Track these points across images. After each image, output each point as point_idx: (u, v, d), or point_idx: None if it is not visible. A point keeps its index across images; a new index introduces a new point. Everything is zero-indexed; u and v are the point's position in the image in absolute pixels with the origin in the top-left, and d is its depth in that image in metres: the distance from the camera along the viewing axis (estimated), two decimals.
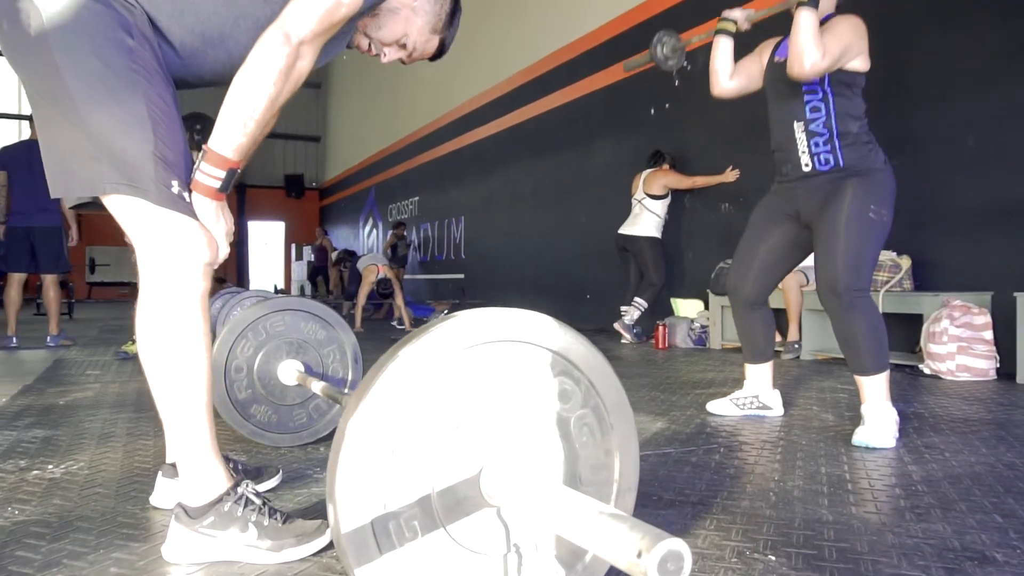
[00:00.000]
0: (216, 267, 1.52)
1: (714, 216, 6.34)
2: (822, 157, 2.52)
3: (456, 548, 1.01)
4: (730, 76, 2.79)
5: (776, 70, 2.64)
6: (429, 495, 1.00)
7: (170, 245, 1.41)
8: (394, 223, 13.53)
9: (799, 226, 2.63)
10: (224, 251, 1.48)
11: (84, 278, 16.68)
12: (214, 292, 11.03)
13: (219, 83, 1.57)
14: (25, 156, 5.72)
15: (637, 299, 6.30)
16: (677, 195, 6.50)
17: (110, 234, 15.79)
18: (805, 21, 2.38)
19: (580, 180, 8.50)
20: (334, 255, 14.15)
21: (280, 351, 2.32)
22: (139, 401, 3.25)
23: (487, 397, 1.04)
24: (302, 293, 17.75)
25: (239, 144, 1.41)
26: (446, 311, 8.65)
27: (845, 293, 2.41)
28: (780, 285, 4.51)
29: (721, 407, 2.89)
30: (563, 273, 8.84)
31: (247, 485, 1.45)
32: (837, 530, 1.53)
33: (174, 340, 1.39)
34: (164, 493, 1.73)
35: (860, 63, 2.48)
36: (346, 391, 2.40)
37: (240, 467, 1.83)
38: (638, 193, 6.32)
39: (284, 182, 20.92)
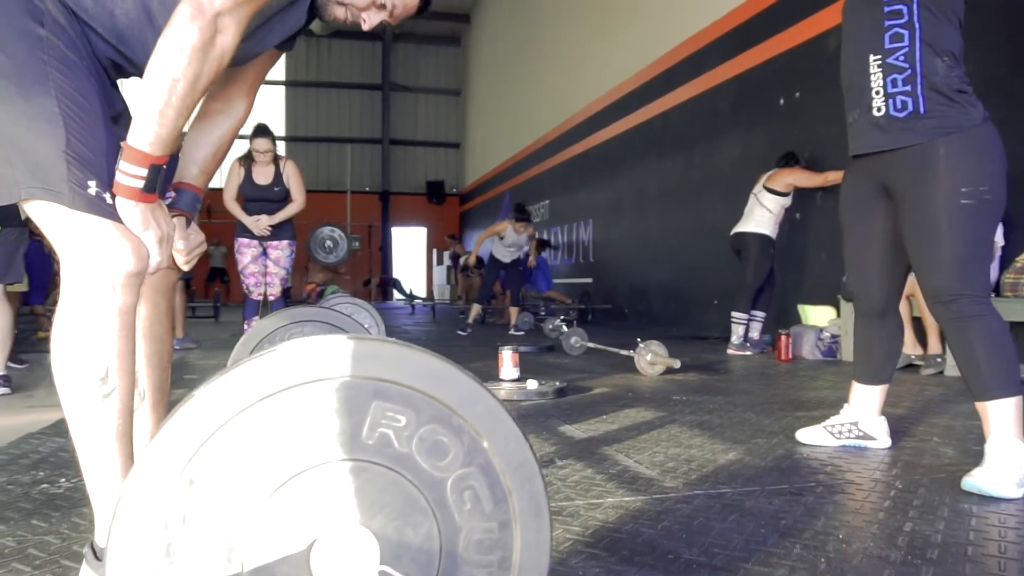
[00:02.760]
0: (150, 275, 1.36)
1: None
2: (898, 100, 2.05)
3: None
4: None
5: None
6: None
7: (84, 253, 1.26)
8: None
9: (896, 204, 2.17)
10: (158, 259, 1.32)
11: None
12: (338, 282, 11.38)
13: None
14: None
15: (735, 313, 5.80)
16: (808, 193, 5.92)
17: None
18: None
19: (707, 178, 8.00)
20: (462, 261, 14.24)
21: None
22: None
23: (321, 449, 0.80)
24: (431, 297, 18.07)
25: (158, 136, 1.25)
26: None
27: (955, 303, 1.96)
28: (914, 291, 3.91)
29: (813, 436, 2.47)
30: (690, 277, 8.38)
31: None
32: None
33: (78, 361, 1.25)
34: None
35: None
36: None
37: None
38: (757, 187, 5.79)
39: (426, 188, 21.42)
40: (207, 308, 11.36)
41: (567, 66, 12.62)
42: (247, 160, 4.98)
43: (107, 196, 1.27)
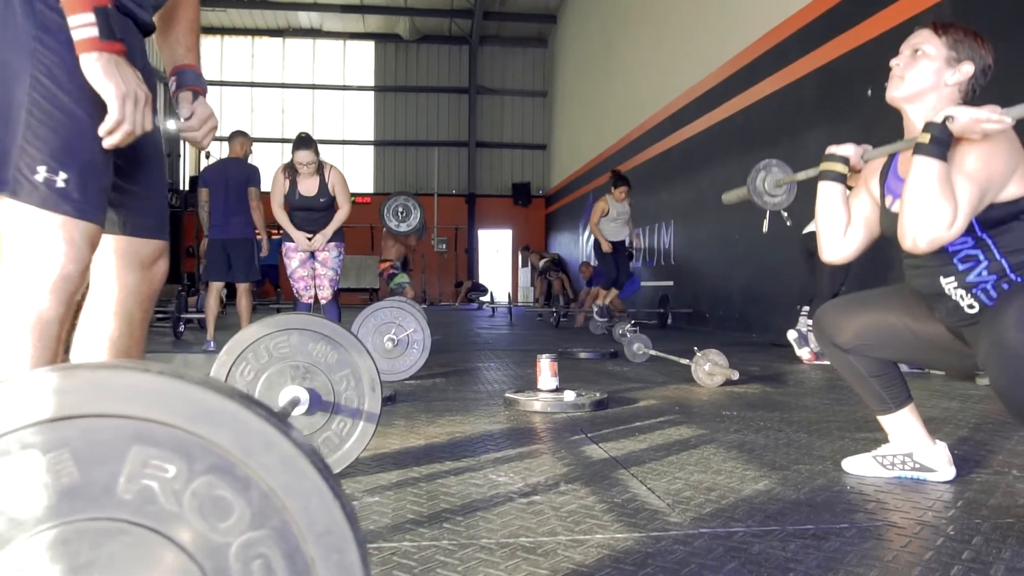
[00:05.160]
0: (110, 135, 1.24)
1: None
2: (991, 294, 1.81)
3: None
4: (845, 232, 2.05)
5: (892, 221, 1.89)
6: None
7: (11, 251, 1.17)
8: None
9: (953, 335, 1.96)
10: (116, 116, 1.20)
11: None
12: (418, 271, 11.31)
13: None
14: (222, 174, 6.14)
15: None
16: None
17: (354, 244, 17.13)
18: (924, 176, 1.68)
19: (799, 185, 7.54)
20: (540, 264, 14.08)
21: (284, 376, 2.04)
22: None
23: (59, 505, 0.64)
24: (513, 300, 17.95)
25: None
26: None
27: None
28: None
29: (861, 465, 2.16)
30: (773, 280, 7.93)
31: None
32: None
33: None
34: None
35: (1019, 185, 1.74)
36: (360, 424, 2.08)
37: None
38: None
39: (512, 190, 21.35)
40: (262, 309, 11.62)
41: (649, 64, 12.27)
42: (291, 171, 4.90)
43: (58, 178, 1.19)
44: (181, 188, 18.24)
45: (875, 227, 2.06)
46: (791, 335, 5.47)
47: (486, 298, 15.06)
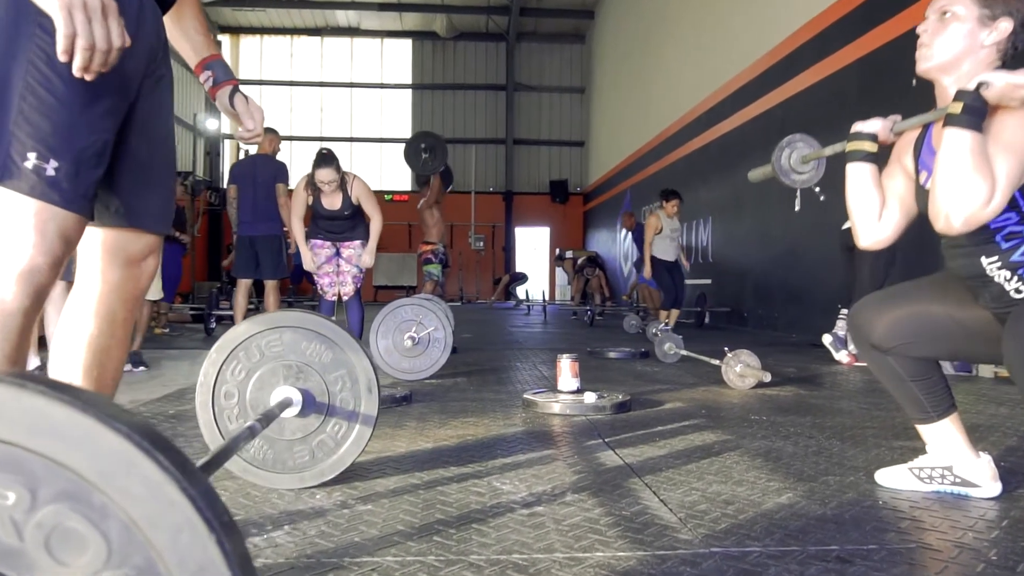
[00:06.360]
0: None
1: None
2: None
3: None
4: (880, 215, 1.89)
5: (927, 199, 1.73)
6: None
7: None
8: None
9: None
10: (67, 30, 1.05)
11: (371, 281, 18.20)
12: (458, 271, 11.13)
13: None
14: (250, 170, 6.11)
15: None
16: None
17: (392, 242, 17.14)
18: (956, 149, 1.53)
19: (832, 170, 7.28)
20: (578, 261, 13.93)
21: (276, 375, 1.95)
22: None
23: None
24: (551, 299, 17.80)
25: None
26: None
27: None
28: None
29: (895, 478, 1.99)
30: (813, 278, 7.68)
31: None
32: None
33: None
34: None
35: None
36: (356, 427, 1.97)
37: None
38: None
39: (549, 188, 21.19)
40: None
41: (687, 57, 12.02)
42: (313, 187, 4.74)
43: (48, 166, 1.14)
44: (222, 186, 18.47)
45: (912, 206, 1.89)
46: (826, 339, 5.26)
47: (522, 295, 14.95)
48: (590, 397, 3.14)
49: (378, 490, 1.96)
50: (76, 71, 1.07)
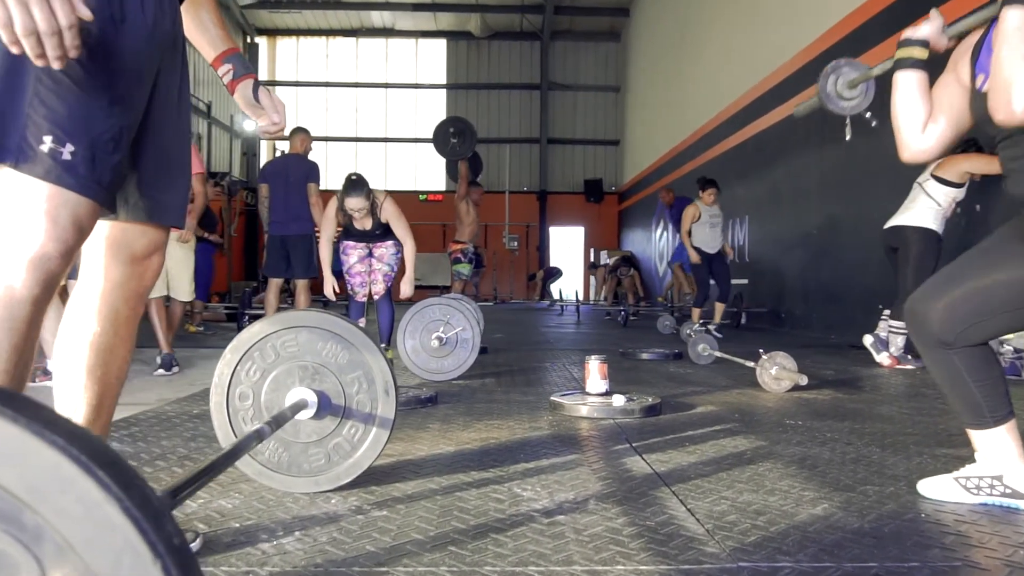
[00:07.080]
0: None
1: None
2: None
3: None
4: (924, 127, 1.79)
5: (983, 103, 1.62)
6: None
7: None
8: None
9: None
10: (42, 20, 0.97)
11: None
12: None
13: None
14: (282, 170, 6.13)
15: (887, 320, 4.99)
16: (992, 180, 4.98)
17: (426, 242, 17.17)
18: (1015, 26, 1.42)
19: (871, 166, 7.09)
20: (611, 261, 13.81)
21: (291, 376, 1.90)
22: None
23: None
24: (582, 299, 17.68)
25: None
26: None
27: None
28: None
29: (940, 488, 1.88)
30: (852, 278, 7.48)
31: None
32: None
33: None
34: None
35: None
36: (373, 430, 1.92)
37: None
38: (923, 175, 4.92)
39: (583, 187, 21.05)
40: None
41: (723, 53, 11.83)
42: (344, 214, 4.72)
43: (64, 150, 1.11)
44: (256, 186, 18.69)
45: (963, 118, 1.78)
46: (867, 340, 5.08)
47: (556, 293, 14.85)
48: (619, 400, 3.06)
49: (395, 495, 1.91)
50: (35, 61, 1.01)
